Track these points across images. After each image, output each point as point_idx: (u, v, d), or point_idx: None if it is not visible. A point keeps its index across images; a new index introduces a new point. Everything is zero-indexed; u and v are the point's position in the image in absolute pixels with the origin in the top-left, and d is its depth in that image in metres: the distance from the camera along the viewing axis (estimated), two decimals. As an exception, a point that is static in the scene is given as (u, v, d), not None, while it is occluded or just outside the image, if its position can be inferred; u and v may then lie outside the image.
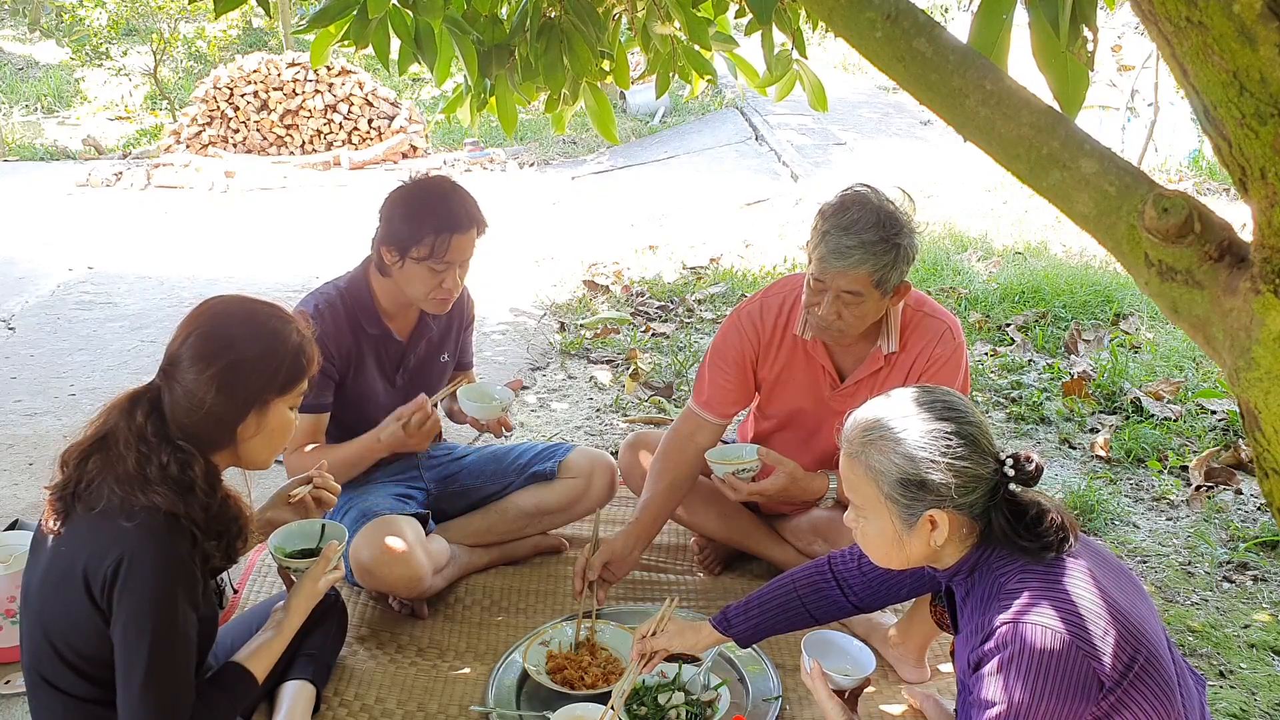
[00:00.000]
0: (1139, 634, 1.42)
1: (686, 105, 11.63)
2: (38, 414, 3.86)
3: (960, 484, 1.47)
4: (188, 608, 1.62)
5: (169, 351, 1.70)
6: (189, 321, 1.72)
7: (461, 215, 2.31)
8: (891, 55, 1.13)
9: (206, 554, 1.67)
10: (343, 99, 10.05)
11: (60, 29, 15.32)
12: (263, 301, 1.79)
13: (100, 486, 1.61)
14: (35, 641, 1.66)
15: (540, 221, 7.50)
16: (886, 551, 1.57)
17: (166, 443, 1.64)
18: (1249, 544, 2.88)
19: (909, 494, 1.48)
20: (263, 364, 1.69)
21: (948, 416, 1.49)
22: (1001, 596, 1.46)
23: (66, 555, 1.61)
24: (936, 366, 2.29)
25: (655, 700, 2.05)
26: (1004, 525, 1.48)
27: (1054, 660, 1.38)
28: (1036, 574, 1.46)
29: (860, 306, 2.15)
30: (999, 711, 1.40)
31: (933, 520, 1.49)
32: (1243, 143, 0.89)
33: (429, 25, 2.30)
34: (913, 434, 1.48)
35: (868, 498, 1.53)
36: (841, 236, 2.07)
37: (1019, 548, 1.47)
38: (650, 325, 4.94)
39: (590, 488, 2.65)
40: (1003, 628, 1.42)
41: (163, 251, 6.65)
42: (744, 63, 2.80)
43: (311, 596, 1.91)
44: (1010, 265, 5.69)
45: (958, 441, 1.47)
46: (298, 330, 1.76)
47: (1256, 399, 0.96)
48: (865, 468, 1.52)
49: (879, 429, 1.51)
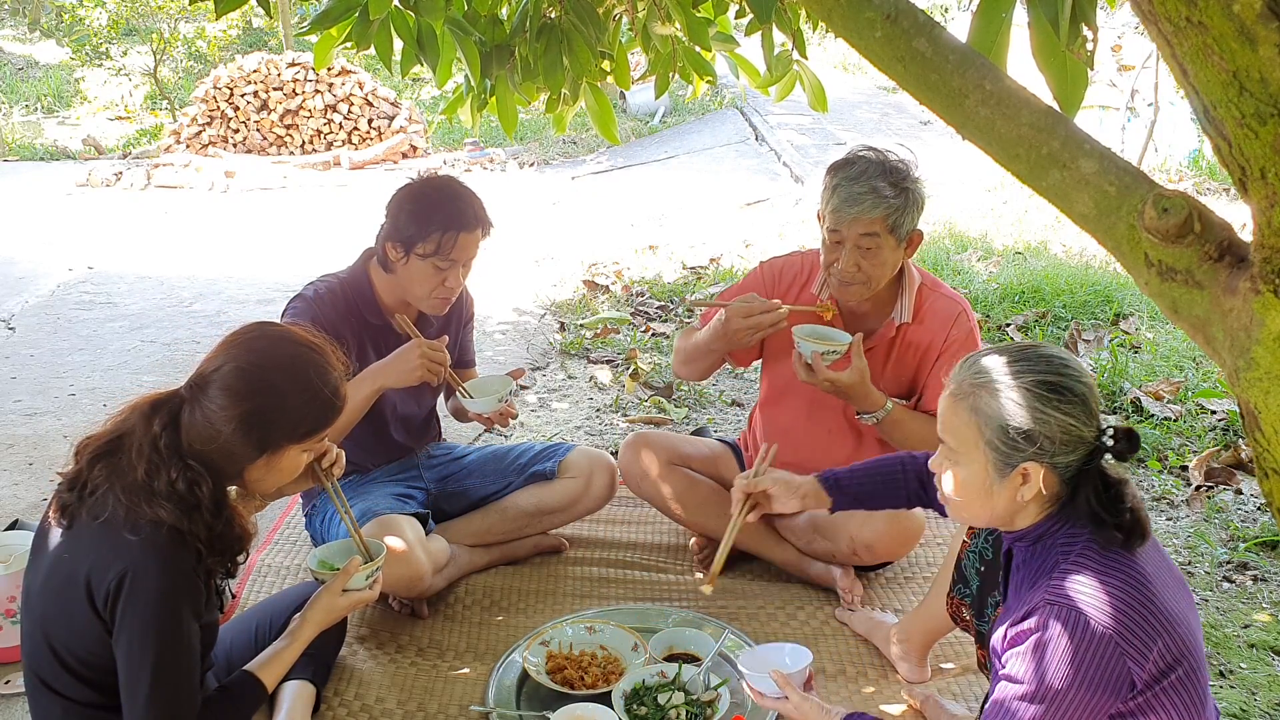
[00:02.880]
0: (1185, 646, 1.42)
1: (686, 105, 11.62)
2: (38, 414, 3.86)
3: (1063, 441, 1.45)
4: (191, 619, 1.62)
5: (202, 369, 1.68)
6: (231, 346, 1.68)
7: (469, 214, 2.32)
8: (891, 55, 1.13)
9: (210, 569, 1.67)
10: (343, 99, 10.05)
11: (60, 29, 15.33)
12: (310, 345, 1.72)
13: (106, 495, 1.60)
14: (35, 645, 1.66)
15: (540, 221, 7.50)
16: (970, 499, 1.54)
17: (178, 458, 1.62)
18: (1249, 544, 2.88)
19: (1010, 442, 1.46)
20: (290, 415, 1.67)
21: (1063, 372, 1.47)
22: (1054, 575, 1.45)
23: (69, 563, 1.61)
24: (955, 348, 2.33)
25: (655, 700, 2.05)
26: (1090, 493, 1.47)
27: (1089, 649, 1.37)
28: (1095, 560, 1.44)
29: (878, 255, 2.23)
30: (1025, 690, 1.40)
31: (1026, 474, 1.47)
32: (1243, 143, 0.89)
33: (430, 26, 2.30)
34: (1026, 382, 1.46)
35: (965, 441, 1.51)
36: (852, 185, 2.20)
37: (1097, 519, 1.46)
38: (650, 325, 4.94)
39: (590, 488, 2.65)
40: (1047, 607, 1.41)
41: (163, 251, 6.65)
42: (745, 63, 2.80)
43: (329, 610, 1.89)
44: (1010, 265, 5.69)
45: (1070, 396, 1.45)
46: (334, 380, 1.71)
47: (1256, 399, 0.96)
48: (970, 410, 1.50)
49: (992, 373, 1.49)
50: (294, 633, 1.87)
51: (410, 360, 2.28)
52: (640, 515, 2.98)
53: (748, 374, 4.30)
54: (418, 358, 2.27)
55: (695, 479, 2.62)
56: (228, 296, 5.54)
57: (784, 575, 2.63)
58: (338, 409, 1.72)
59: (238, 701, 1.77)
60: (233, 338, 1.70)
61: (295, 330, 1.76)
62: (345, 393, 1.74)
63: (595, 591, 2.59)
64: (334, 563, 2.00)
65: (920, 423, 2.35)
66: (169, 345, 4.69)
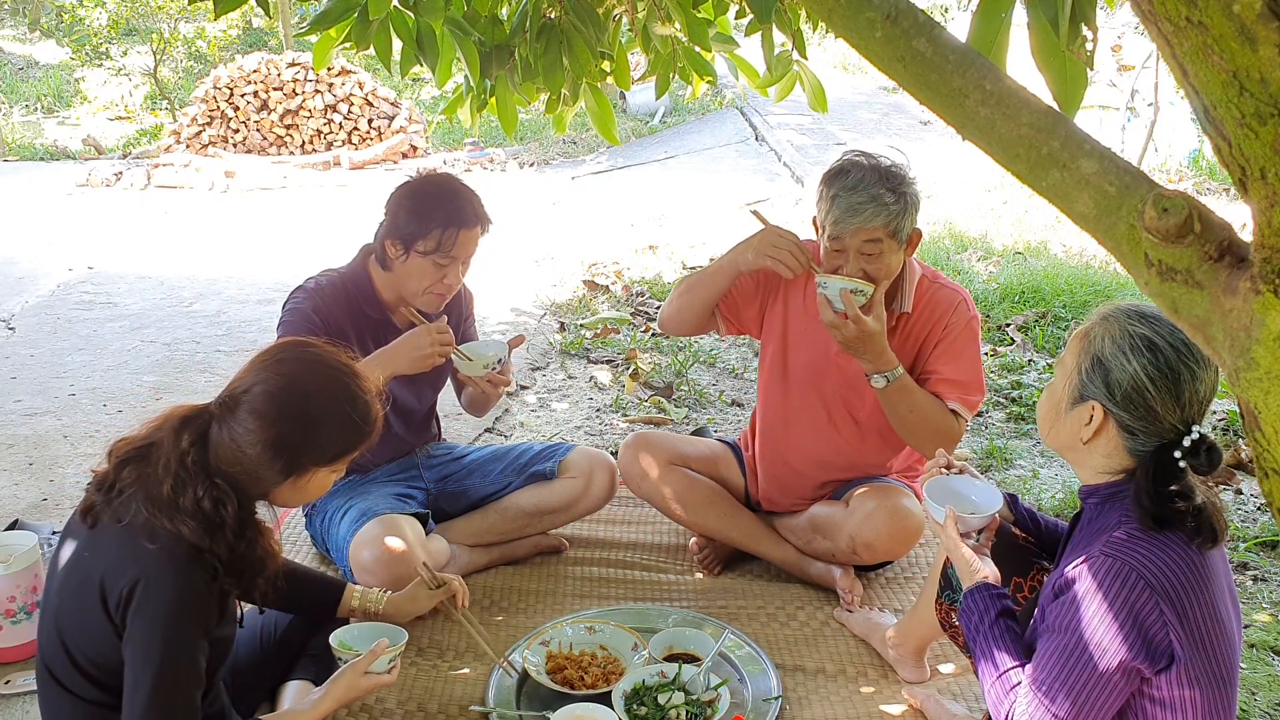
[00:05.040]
0: (1225, 654, 1.44)
1: (686, 105, 11.63)
2: (38, 414, 3.86)
3: (1133, 402, 1.48)
4: (199, 635, 1.60)
5: (232, 386, 1.65)
6: (263, 365, 1.65)
7: (469, 211, 2.33)
8: (891, 55, 1.13)
9: (225, 589, 1.65)
10: (343, 99, 10.05)
11: (60, 29, 15.32)
12: (341, 369, 1.68)
13: (130, 500, 1.59)
14: (50, 640, 1.66)
15: (540, 221, 7.50)
16: (1045, 414, 1.63)
17: (205, 476, 1.60)
18: (1249, 544, 2.88)
19: (1091, 375, 1.52)
20: (319, 440, 1.64)
21: (1177, 346, 1.48)
22: (1115, 531, 1.48)
23: (88, 562, 1.61)
24: (953, 335, 2.34)
25: (655, 700, 2.05)
26: (1144, 477, 1.48)
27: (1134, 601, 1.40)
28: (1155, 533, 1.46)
29: (881, 259, 2.24)
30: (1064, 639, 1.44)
31: (1092, 412, 1.51)
32: (1243, 143, 0.89)
33: (430, 27, 2.30)
34: (1136, 331, 1.49)
35: (1070, 359, 1.58)
36: (851, 195, 2.19)
37: (1141, 505, 1.47)
38: (650, 325, 4.94)
39: (590, 487, 2.65)
40: (1101, 557, 1.44)
41: (163, 251, 6.65)
42: (744, 63, 2.80)
43: (351, 689, 1.85)
44: (1010, 265, 5.69)
45: (1163, 365, 1.47)
46: (364, 404, 1.68)
47: (1256, 399, 0.96)
48: (1086, 334, 1.56)
49: (1123, 313, 1.53)
50: (315, 704, 1.84)
51: (422, 346, 2.27)
52: (640, 515, 2.98)
53: (748, 374, 4.30)
54: (429, 343, 2.27)
55: (695, 479, 2.63)
56: (228, 296, 5.54)
57: (784, 575, 2.63)
58: (368, 433, 1.69)
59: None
60: (263, 357, 1.67)
61: (328, 351, 1.71)
62: (378, 413, 1.71)
63: (595, 591, 2.59)
64: (354, 645, 1.97)
65: (925, 396, 2.31)
66: (169, 345, 4.69)
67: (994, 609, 1.61)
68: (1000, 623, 1.60)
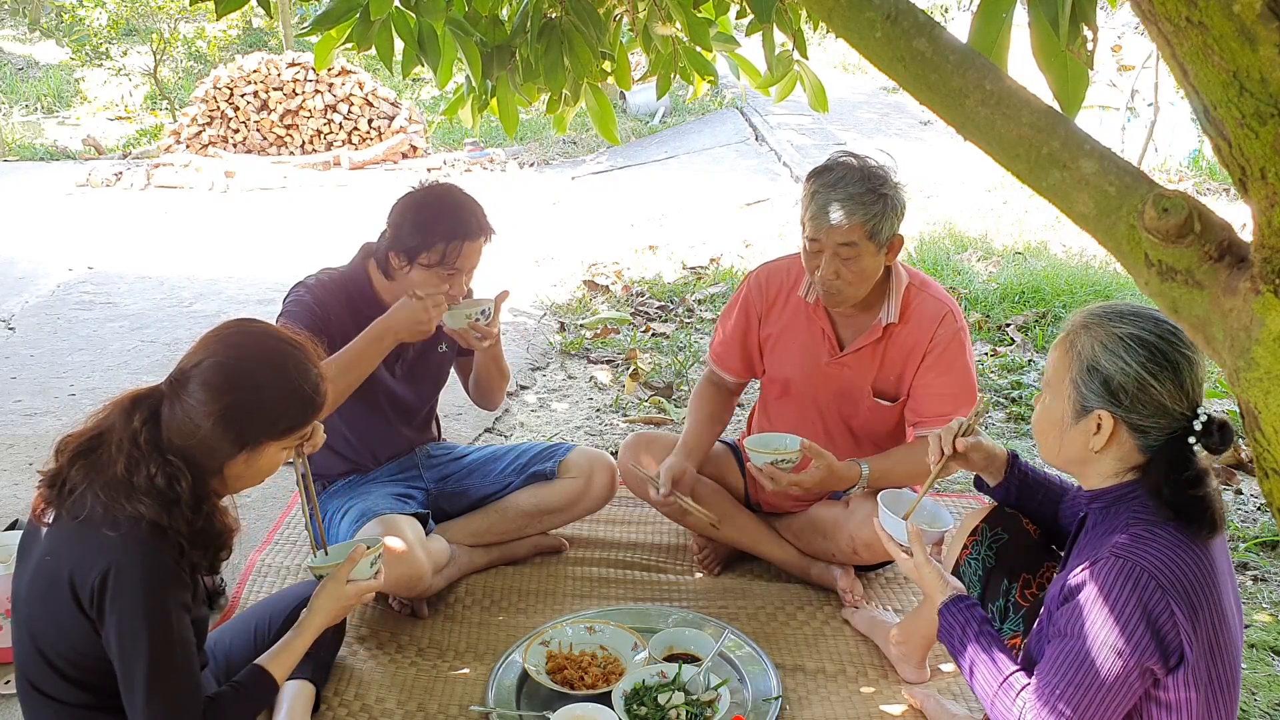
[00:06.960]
0: (1230, 653, 1.44)
1: (686, 105, 11.62)
2: (38, 414, 3.86)
3: (1141, 399, 1.47)
4: (180, 610, 1.60)
5: (181, 365, 1.67)
6: (210, 343, 1.68)
7: (472, 223, 2.34)
8: (891, 55, 1.13)
9: (194, 563, 1.66)
10: (343, 99, 10.05)
11: (60, 29, 15.31)
12: (290, 342, 1.72)
13: (85, 495, 1.59)
14: (25, 649, 1.65)
15: (540, 221, 7.50)
16: (1047, 432, 1.60)
17: (157, 453, 1.61)
18: (1249, 544, 2.88)
19: (1089, 385, 1.50)
20: (269, 410, 1.66)
21: (1164, 335, 1.48)
22: (1123, 533, 1.47)
23: (52, 565, 1.60)
24: (940, 348, 2.33)
25: (655, 700, 2.05)
26: (1162, 467, 1.48)
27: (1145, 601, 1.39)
28: (1167, 532, 1.45)
29: (858, 262, 2.22)
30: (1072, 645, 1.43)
31: (1099, 422, 1.50)
32: (1243, 143, 0.89)
33: (431, 27, 2.31)
34: (1123, 332, 1.49)
35: (1058, 375, 1.56)
36: (830, 193, 2.19)
37: (1160, 498, 1.47)
38: (650, 325, 4.94)
39: (590, 487, 2.65)
40: (1110, 559, 1.43)
41: (163, 251, 6.65)
42: (745, 63, 2.80)
43: (336, 598, 1.88)
44: (1010, 265, 5.69)
45: (1161, 359, 1.47)
46: (314, 377, 1.71)
47: (1256, 399, 0.96)
48: (1069, 347, 1.55)
49: (1099, 318, 1.53)
50: (302, 624, 1.86)
51: (415, 312, 2.26)
52: (640, 515, 2.98)
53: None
54: (420, 307, 2.25)
55: (695, 479, 2.62)
56: (228, 296, 5.54)
57: (784, 575, 2.63)
58: (318, 406, 1.72)
59: (249, 695, 1.76)
60: (213, 334, 1.70)
61: (275, 327, 1.76)
62: (326, 390, 1.74)
63: (595, 591, 2.59)
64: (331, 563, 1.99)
65: (898, 459, 2.36)
66: (169, 345, 4.69)
67: (975, 619, 1.62)
68: (986, 629, 1.61)
